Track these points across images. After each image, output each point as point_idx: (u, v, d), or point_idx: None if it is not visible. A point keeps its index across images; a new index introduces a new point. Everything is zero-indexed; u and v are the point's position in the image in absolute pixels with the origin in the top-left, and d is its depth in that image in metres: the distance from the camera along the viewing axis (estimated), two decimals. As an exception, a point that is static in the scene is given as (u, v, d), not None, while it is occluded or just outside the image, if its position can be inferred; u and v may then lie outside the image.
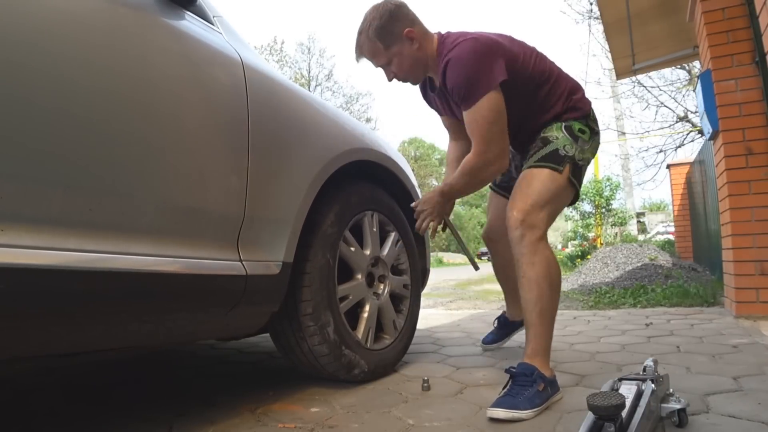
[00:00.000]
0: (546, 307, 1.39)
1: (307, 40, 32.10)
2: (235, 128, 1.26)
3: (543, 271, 1.38)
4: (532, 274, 1.38)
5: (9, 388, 1.75)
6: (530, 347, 1.38)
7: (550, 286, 1.39)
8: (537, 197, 1.42)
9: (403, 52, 1.50)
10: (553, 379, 1.36)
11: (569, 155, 1.47)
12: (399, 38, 1.48)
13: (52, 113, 0.88)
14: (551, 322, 1.42)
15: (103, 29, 0.98)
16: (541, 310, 1.39)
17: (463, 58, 1.38)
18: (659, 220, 19.88)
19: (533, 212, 1.40)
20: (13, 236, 0.80)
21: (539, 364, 1.34)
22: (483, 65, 1.37)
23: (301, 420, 1.28)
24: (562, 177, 1.45)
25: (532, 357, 1.36)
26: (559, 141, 1.48)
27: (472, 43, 1.40)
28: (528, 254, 1.39)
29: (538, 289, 1.38)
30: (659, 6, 3.88)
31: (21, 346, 0.91)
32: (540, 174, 1.45)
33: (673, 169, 7.66)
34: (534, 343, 1.38)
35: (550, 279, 1.39)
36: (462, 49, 1.39)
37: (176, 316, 1.15)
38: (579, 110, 1.53)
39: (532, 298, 1.39)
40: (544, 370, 1.33)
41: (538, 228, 1.40)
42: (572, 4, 12.78)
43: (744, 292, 2.70)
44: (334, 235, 1.57)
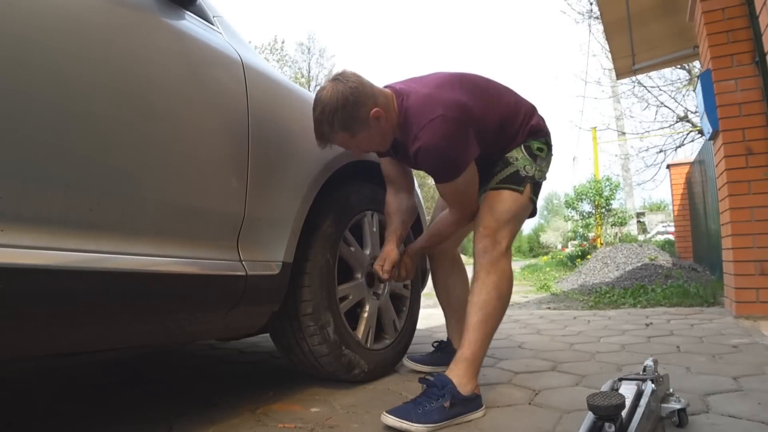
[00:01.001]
0: (490, 315, 1.36)
1: (307, 40, 32.11)
2: (235, 128, 1.26)
3: (496, 280, 1.38)
4: (486, 279, 1.38)
5: (9, 388, 1.75)
6: (461, 351, 1.33)
7: (499, 296, 1.38)
8: (500, 216, 1.44)
9: (371, 133, 1.37)
10: (472, 396, 1.28)
11: (529, 176, 1.50)
12: (365, 122, 1.34)
13: (52, 113, 0.88)
14: (490, 333, 1.37)
15: (103, 29, 0.98)
16: (484, 317, 1.35)
17: (438, 147, 1.31)
18: (659, 220, 19.87)
19: (497, 229, 1.43)
20: (13, 236, 0.80)
21: (460, 375, 1.28)
22: (457, 149, 1.34)
23: (301, 420, 1.28)
24: (523, 197, 1.48)
25: (457, 362, 1.31)
26: (519, 162, 1.50)
27: (444, 125, 1.30)
28: (487, 265, 1.40)
29: (486, 294, 1.36)
30: (659, 6, 3.88)
31: (21, 346, 0.91)
32: (501, 195, 1.47)
33: (673, 169, 7.66)
34: (466, 348, 1.32)
35: (500, 289, 1.38)
36: (435, 135, 1.30)
37: (176, 316, 1.15)
38: (538, 132, 1.55)
39: (477, 301, 1.36)
40: (462, 385, 1.26)
41: (501, 243, 1.42)
42: (572, 4, 12.74)
43: (744, 292, 2.70)
44: (334, 235, 1.57)
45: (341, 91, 1.31)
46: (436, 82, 1.43)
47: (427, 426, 1.18)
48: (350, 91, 1.31)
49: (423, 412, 1.19)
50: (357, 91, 1.32)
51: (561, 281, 6.75)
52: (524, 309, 3.95)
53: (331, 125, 1.32)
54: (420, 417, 1.18)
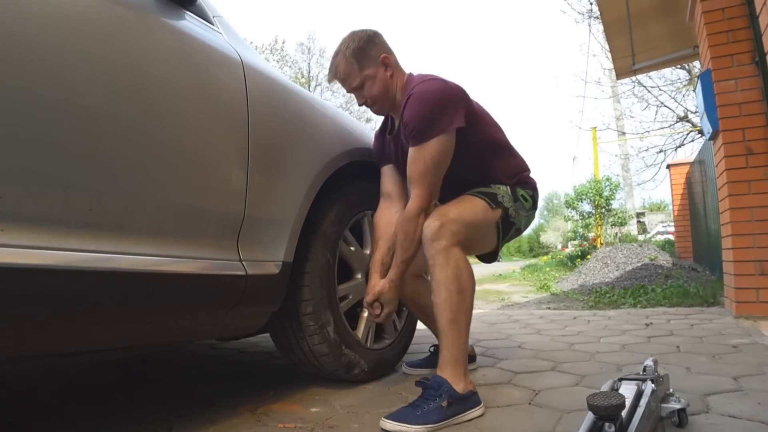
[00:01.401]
0: (456, 312, 1.32)
1: (307, 40, 32.08)
2: (235, 128, 1.26)
3: (452, 274, 1.32)
4: (441, 277, 1.32)
5: (9, 388, 1.75)
6: (442, 356, 1.32)
7: (459, 291, 1.32)
8: (462, 214, 1.40)
9: (377, 76, 1.50)
10: (468, 393, 1.28)
11: (505, 205, 1.51)
12: (374, 62, 1.50)
13: (52, 113, 0.88)
14: (464, 329, 1.34)
15: (103, 29, 0.98)
16: (451, 318, 1.32)
17: (426, 95, 1.37)
18: (659, 220, 19.88)
19: (454, 223, 1.35)
20: (13, 236, 0.80)
21: (450, 376, 1.28)
22: (444, 106, 1.37)
23: (301, 420, 1.28)
24: (492, 213, 1.47)
25: (443, 367, 1.30)
26: (500, 191, 1.52)
27: (439, 83, 1.40)
28: (439, 257, 1.33)
29: (446, 292, 1.32)
30: (659, 6, 3.88)
31: (21, 346, 0.91)
32: (474, 199, 1.46)
33: (673, 169, 7.66)
34: (445, 351, 1.31)
35: (459, 283, 1.32)
36: (427, 86, 1.39)
37: (176, 316, 1.15)
38: (527, 185, 1.60)
39: (441, 302, 1.33)
40: (456, 383, 1.26)
41: (454, 236, 1.34)
42: (572, 4, 12.72)
43: (744, 292, 2.70)
44: (334, 235, 1.57)
45: (362, 31, 1.53)
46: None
47: (426, 427, 1.18)
48: (370, 32, 1.53)
49: (421, 414, 1.20)
50: (375, 35, 1.54)
51: (561, 281, 6.75)
52: (524, 309, 3.95)
53: (344, 55, 1.49)
54: (419, 419, 1.18)
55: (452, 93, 1.41)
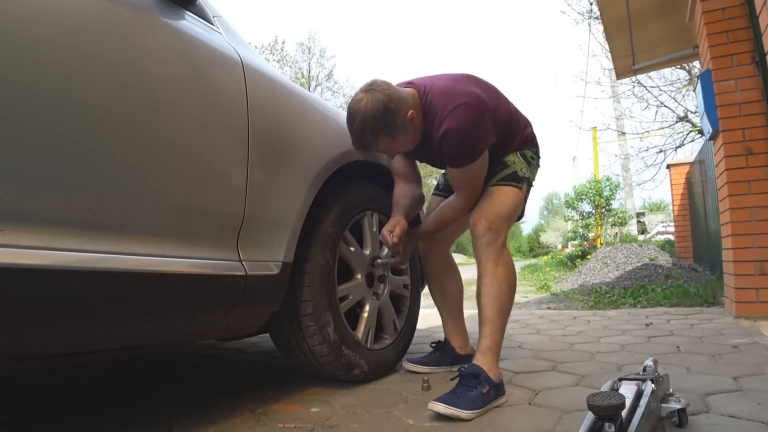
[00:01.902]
0: (504, 305, 1.46)
1: (308, 40, 32.05)
2: (235, 128, 1.26)
3: (504, 272, 1.48)
4: (495, 272, 1.47)
5: (9, 388, 1.75)
6: (485, 342, 1.42)
7: (509, 286, 1.49)
8: (500, 209, 1.53)
9: (409, 134, 1.48)
10: (500, 382, 1.38)
11: (526, 176, 1.61)
12: (404, 125, 1.44)
13: (52, 113, 0.88)
14: (506, 322, 1.48)
15: (103, 29, 0.98)
16: (500, 307, 1.45)
17: (464, 130, 1.40)
18: (659, 220, 19.86)
19: (498, 221, 1.50)
20: (13, 236, 0.80)
21: (489, 364, 1.37)
22: (480, 134, 1.44)
23: (301, 420, 1.28)
24: (521, 193, 1.59)
25: (485, 353, 1.40)
26: (516, 165, 1.60)
27: (468, 111, 1.40)
28: (493, 257, 1.48)
29: (498, 286, 1.46)
30: (659, 6, 3.88)
31: (21, 346, 0.91)
32: (503, 190, 1.56)
33: (673, 169, 7.66)
34: (489, 339, 1.42)
35: (509, 279, 1.49)
36: (460, 119, 1.39)
37: (176, 316, 1.15)
38: (531, 142, 1.67)
39: (492, 294, 1.45)
40: (491, 372, 1.36)
41: (502, 235, 1.51)
42: (572, 4, 12.71)
43: (744, 292, 2.70)
44: (333, 235, 1.57)
45: (380, 100, 1.40)
46: (451, 77, 1.54)
47: (473, 412, 1.25)
48: (388, 99, 1.41)
49: (467, 399, 1.26)
50: (393, 97, 1.42)
51: (561, 281, 6.75)
52: (524, 309, 3.95)
53: (375, 132, 1.41)
54: (467, 404, 1.25)
55: (481, 116, 1.42)
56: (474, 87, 1.49)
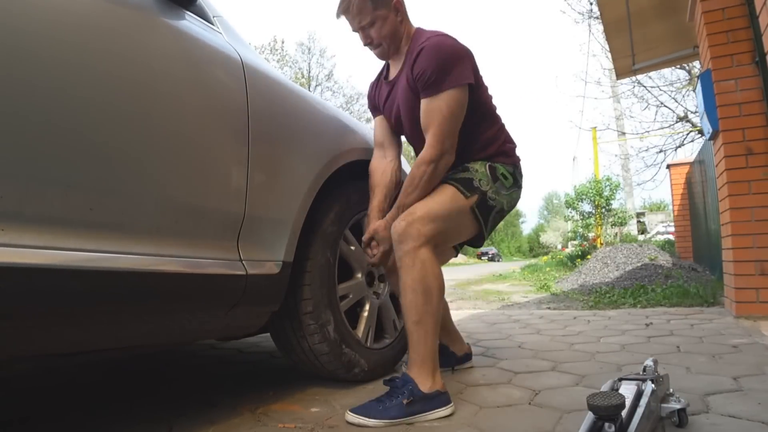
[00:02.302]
0: (422, 313, 1.33)
1: (307, 40, 32.06)
2: (236, 128, 1.26)
3: (417, 276, 1.33)
4: (407, 279, 1.34)
5: (9, 388, 1.75)
6: (410, 356, 1.35)
7: (424, 292, 1.33)
8: (430, 209, 1.39)
9: (388, 18, 1.51)
10: (434, 393, 1.28)
11: (481, 189, 1.48)
12: (387, 4, 1.51)
13: (53, 113, 0.88)
14: (430, 330, 1.33)
15: (103, 29, 0.98)
16: (417, 319, 1.33)
17: (441, 47, 1.42)
18: (659, 220, 19.86)
19: (421, 221, 1.36)
20: (13, 236, 0.80)
21: (417, 375, 1.30)
22: (457, 59, 1.42)
23: (301, 420, 1.28)
24: (465, 201, 1.45)
25: (410, 367, 1.33)
26: (478, 174, 1.50)
27: (451, 39, 1.45)
28: (406, 260, 1.35)
29: (412, 294, 1.33)
30: (659, 6, 3.88)
31: (21, 346, 0.91)
32: (443, 189, 1.45)
33: (673, 169, 7.66)
34: (412, 353, 1.34)
35: (424, 285, 1.33)
36: (440, 40, 1.44)
37: (176, 315, 1.15)
38: (509, 158, 1.58)
39: (406, 304, 1.35)
40: (422, 383, 1.28)
41: (421, 237, 1.35)
42: (572, 4, 12.70)
43: (744, 292, 2.70)
44: (334, 234, 1.57)
45: None
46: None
47: (382, 421, 1.22)
48: None
49: (383, 409, 1.24)
50: None
51: (561, 281, 6.75)
52: (524, 309, 3.95)
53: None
54: (378, 413, 1.23)
55: (463, 49, 1.45)
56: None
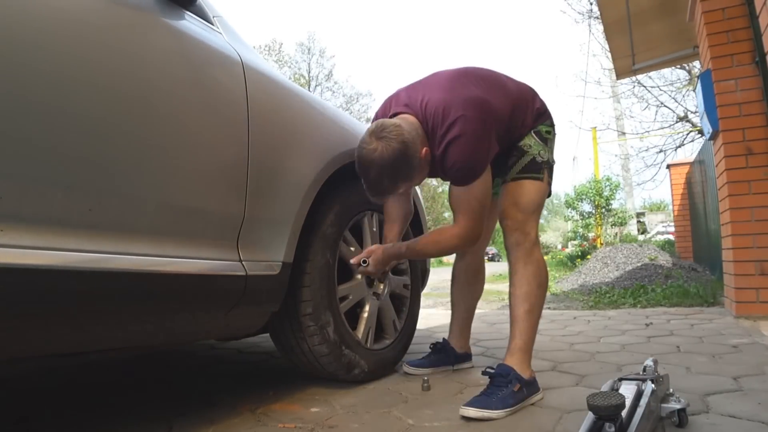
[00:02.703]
0: (534, 304, 1.45)
1: (307, 40, 32.06)
2: (235, 128, 1.26)
3: (534, 270, 1.46)
4: (524, 271, 1.46)
5: (9, 388, 1.75)
6: (514, 342, 1.42)
7: (539, 285, 1.46)
8: (525, 206, 1.49)
9: (423, 170, 1.44)
10: (532, 380, 1.38)
11: (545, 160, 1.53)
12: (419, 165, 1.39)
13: (53, 113, 0.88)
14: (537, 321, 1.47)
15: (103, 29, 0.98)
16: (530, 307, 1.44)
17: (464, 145, 1.35)
18: (659, 220, 19.85)
19: (525, 221, 1.48)
20: (13, 236, 0.80)
21: (518, 362, 1.38)
22: (482, 147, 1.38)
23: (301, 420, 1.28)
24: (543, 183, 1.53)
25: (513, 352, 1.40)
26: (533, 149, 1.53)
27: (467, 125, 1.35)
28: (523, 257, 1.47)
29: (527, 285, 1.45)
30: (659, 6, 3.88)
31: (21, 346, 0.91)
32: (524, 185, 1.51)
33: (673, 169, 7.66)
34: (518, 339, 1.42)
35: (539, 278, 1.46)
36: (462, 131, 1.34)
37: (176, 316, 1.15)
38: (542, 115, 1.58)
39: (521, 294, 1.45)
40: (522, 370, 1.36)
41: (531, 234, 1.48)
42: (572, 4, 12.76)
43: (744, 292, 2.70)
44: (334, 235, 1.57)
45: (396, 149, 1.31)
46: (447, 80, 1.45)
47: (506, 410, 1.26)
48: (404, 146, 1.32)
49: (497, 399, 1.27)
50: (408, 142, 1.33)
51: (561, 281, 6.75)
52: (524, 309, 3.95)
53: (394, 180, 1.35)
54: (497, 404, 1.26)
55: (484, 127, 1.37)
56: (472, 87, 1.42)
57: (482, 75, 1.50)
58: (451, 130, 1.35)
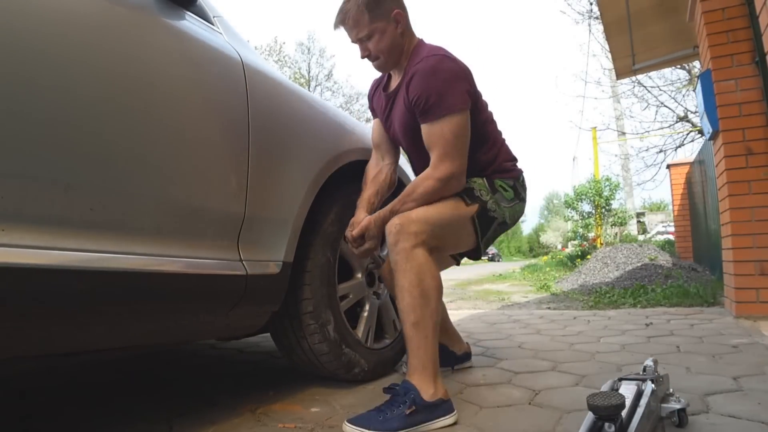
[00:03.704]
0: (420, 317, 1.27)
1: (307, 40, 32.06)
2: (236, 128, 1.26)
3: (414, 279, 1.28)
4: (403, 282, 1.28)
5: (9, 388, 1.75)
6: (410, 363, 1.28)
7: (422, 295, 1.28)
8: (427, 213, 1.35)
9: (386, 31, 1.44)
10: (438, 401, 1.22)
11: (482, 198, 1.46)
12: (387, 15, 1.43)
13: (53, 113, 0.88)
14: (430, 334, 1.28)
15: (103, 29, 0.98)
16: (415, 322, 1.27)
17: (435, 71, 1.35)
18: (659, 220, 19.87)
19: (417, 223, 1.31)
20: (13, 236, 0.80)
21: (418, 382, 1.23)
22: (452, 83, 1.35)
23: (301, 420, 1.28)
24: (465, 209, 1.42)
25: (411, 373, 1.26)
26: (477, 185, 1.48)
27: (447, 60, 1.37)
28: (401, 261, 1.29)
29: (409, 297, 1.28)
30: (659, 6, 3.88)
31: (21, 346, 0.91)
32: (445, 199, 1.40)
33: (673, 169, 7.66)
34: (412, 358, 1.27)
35: (421, 287, 1.28)
36: (435, 62, 1.36)
37: (177, 315, 1.15)
38: (508, 173, 1.55)
39: (404, 308, 1.29)
40: (424, 390, 1.21)
41: (416, 236, 1.30)
42: (572, 4, 12.75)
43: (744, 292, 2.70)
44: (334, 234, 1.57)
45: None
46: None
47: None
48: None
49: (383, 419, 1.16)
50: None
51: (561, 281, 6.75)
52: (524, 309, 3.95)
53: (356, 2, 1.41)
54: (379, 424, 1.15)
55: (460, 71, 1.39)
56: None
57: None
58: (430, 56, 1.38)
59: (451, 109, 1.34)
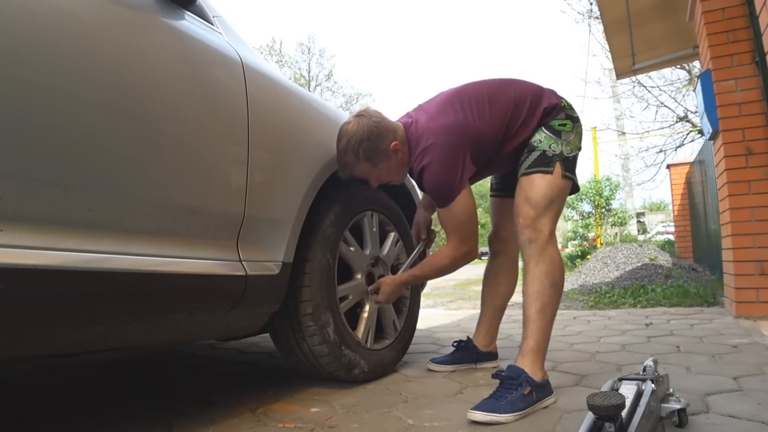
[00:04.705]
0: (546, 303, 1.40)
1: (307, 40, 32.08)
2: (235, 128, 1.26)
3: (546, 269, 1.41)
4: (535, 270, 1.42)
5: (9, 388, 1.75)
6: (525, 343, 1.38)
7: (552, 284, 1.41)
8: (536, 202, 1.45)
9: (391, 165, 1.54)
10: (544, 382, 1.34)
11: (556, 153, 1.49)
12: (386, 154, 1.51)
13: (52, 113, 0.88)
14: (550, 321, 1.42)
15: (103, 29, 0.98)
16: (541, 306, 1.40)
17: (435, 170, 1.46)
18: (659, 220, 19.87)
19: (537, 218, 1.44)
20: (13, 236, 0.80)
21: (530, 364, 1.34)
22: (452, 170, 1.45)
23: (301, 420, 1.28)
24: (554, 177, 1.48)
25: (524, 354, 1.36)
26: (543, 143, 1.50)
27: (440, 151, 1.45)
28: (535, 255, 1.43)
29: (539, 284, 1.41)
30: (659, 6, 3.88)
31: (21, 346, 0.91)
32: (533, 180, 1.48)
33: (673, 169, 7.66)
34: (530, 339, 1.38)
35: (552, 277, 1.42)
36: (432, 158, 1.45)
37: (176, 316, 1.15)
38: (552, 112, 1.54)
39: (533, 292, 1.41)
40: (534, 372, 1.32)
41: (543, 231, 1.44)
42: (572, 4, 12.77)
43: (744, 292, 2.70)
44: (333, 235, 1.57)
45: (366, 125, 1.48)
46: (432, 109, 1.54)
47: (514, 414, 1.22)
48: (374, 125, 1.48)
49: (506, 402, 1.24)
50: (380, 125, 1.49)
51: (561, 281, 6.74)
52: (524, 309, 3.95)
53: (356, 155, 1.48)
54: (506, 407, 1.23)
55: (453, 152, 1.45)
56: (456, 112, 1.48)
57: (475, 93, 1.54)
58: (423, 157, 1.47)
59: (454, 196, 1.47)
